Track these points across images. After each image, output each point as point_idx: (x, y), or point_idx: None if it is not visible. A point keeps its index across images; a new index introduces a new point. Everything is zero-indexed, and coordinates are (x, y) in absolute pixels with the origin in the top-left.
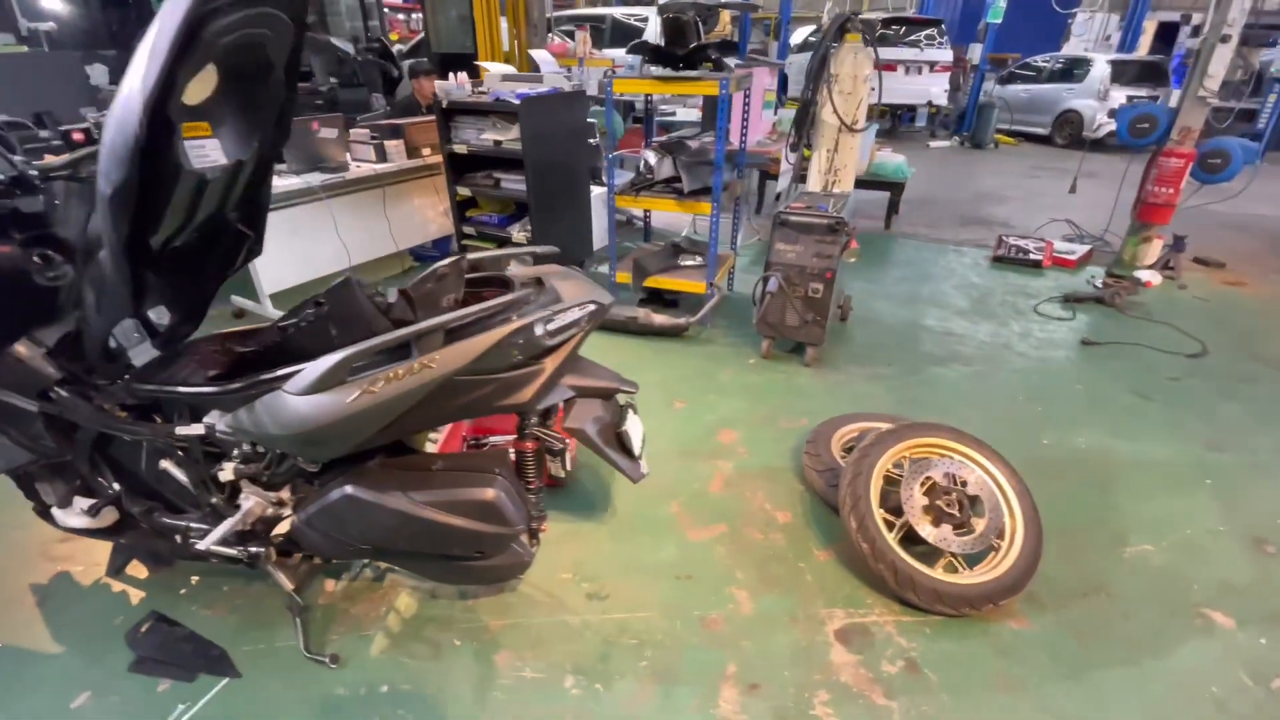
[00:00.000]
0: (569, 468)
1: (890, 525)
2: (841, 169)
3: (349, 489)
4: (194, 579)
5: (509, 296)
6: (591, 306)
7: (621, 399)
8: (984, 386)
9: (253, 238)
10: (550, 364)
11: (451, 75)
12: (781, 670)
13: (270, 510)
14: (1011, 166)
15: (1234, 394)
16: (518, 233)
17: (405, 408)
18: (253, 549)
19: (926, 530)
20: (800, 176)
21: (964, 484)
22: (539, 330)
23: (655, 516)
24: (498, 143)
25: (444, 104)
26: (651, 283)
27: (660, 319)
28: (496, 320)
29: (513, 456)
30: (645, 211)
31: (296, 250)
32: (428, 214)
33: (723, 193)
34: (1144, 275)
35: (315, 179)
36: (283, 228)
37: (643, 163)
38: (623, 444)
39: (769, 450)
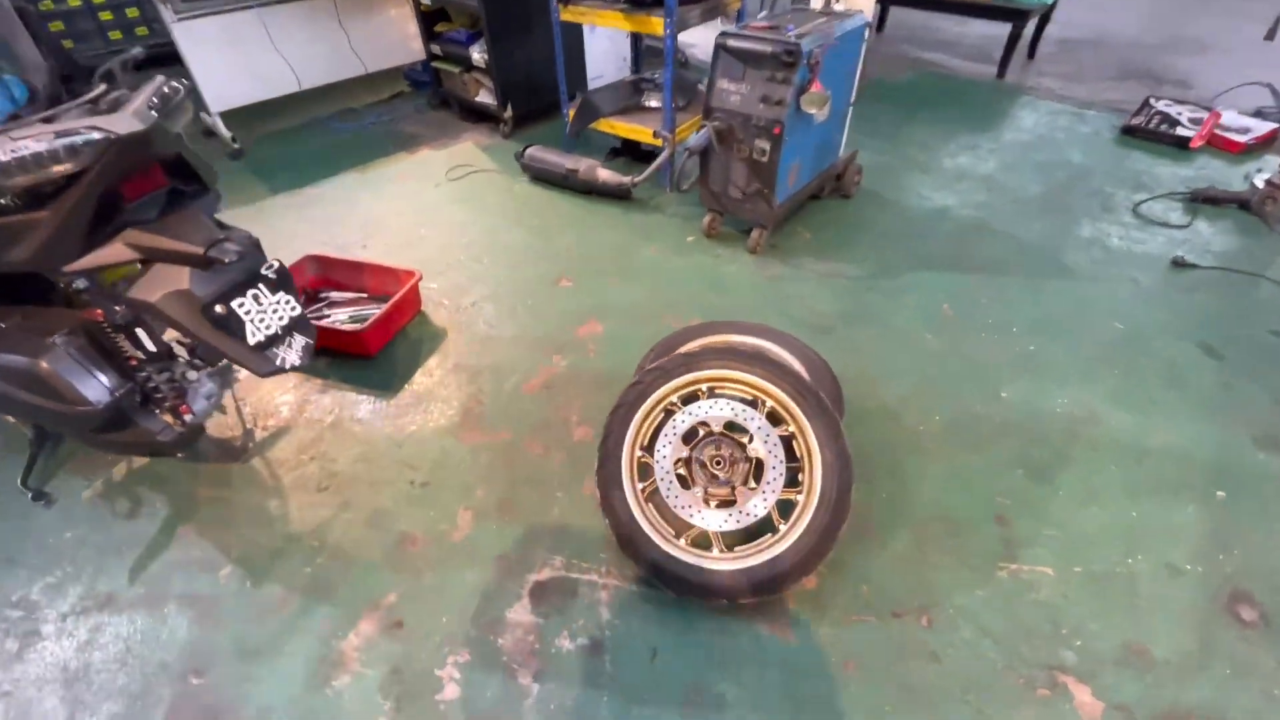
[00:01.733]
0: (153, 348)
1: (650, 472)
2: None
3: None
4: None
5: None
6: (91, 136)
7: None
8: (972, 307)
9: None
10: (54, 213)
11: None
12: (440, 615)
13: None
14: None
15: None
16: (477, 54)
17: None
18: None
19: (668, 488)
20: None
21: (748, 440)
22: None
23: (440, 409)
24: None
25: None
26: (605, 126)
27: (606, 174)
28: None
29: None
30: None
31: (238, 66)
32: (408, 29)
33: (697, 4)
34: None
35: None
36: (218, 38)
37: None
38: (228, 326)
39: (625, 353)
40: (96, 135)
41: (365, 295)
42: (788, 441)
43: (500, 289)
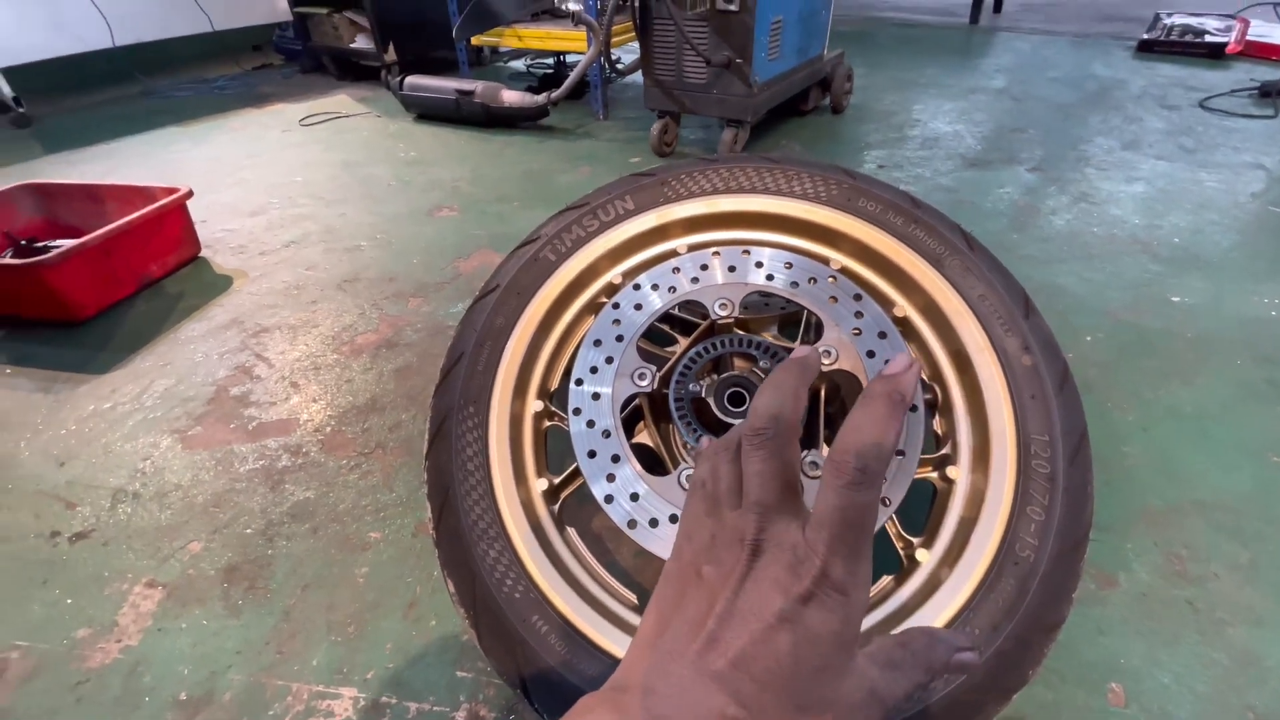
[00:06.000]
0: None
1: (569, 450)
2: None
3: None
4: None
5: None
6: None
7: None
8: (1053, 199)
9: None
10: None
11: None
12: None
13: None
14: None
15: None
16: None
17: None
18: None
19: (615, 480)
20: None
21: (810, 336)
22: None
23: (168, 396)
24: None
25: None
26: (510, 40)
27: (512, 96)
28: None
29: None
30: None
31: (30, 9)
32: None
33: None
34: None
35: None
36: None
37: None
38: None
39: None
40: None
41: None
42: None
43: (339, 226)
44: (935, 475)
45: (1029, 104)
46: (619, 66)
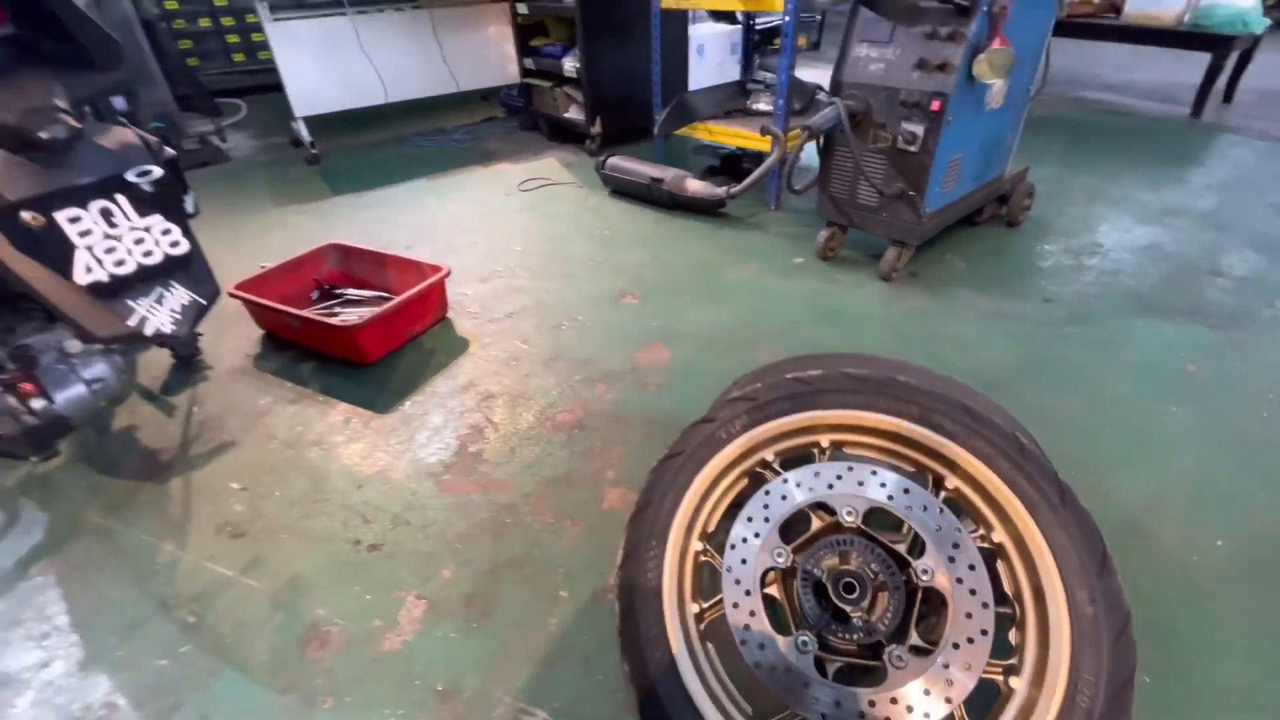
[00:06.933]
0: None
1: (718, 585)
2: None
3: None
4: None
5: None
6: None
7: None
8: (1233, 371)
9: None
10: None
11: None
12: None
13: None
14: None
15: None
16: (569, 65)
17: None
18: None
19: (746, 623)
20: None
21: (914, 553)
22: None
23: (428, 442)
24: None
25: None
26: (702, 132)
27: (696, 186)
28: None
29: None
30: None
31: (327, 72)
32: (505, 49)
33: None
34: None
35: None
36: (310, 42)
37: None
38: (40, 248)
39: (696, 390)
40: None
41: (389, 296)
42: (989, 561)
43: (547, 301)
44: (1002, 679)
45: (1235, 237)
46: (795, 188)
